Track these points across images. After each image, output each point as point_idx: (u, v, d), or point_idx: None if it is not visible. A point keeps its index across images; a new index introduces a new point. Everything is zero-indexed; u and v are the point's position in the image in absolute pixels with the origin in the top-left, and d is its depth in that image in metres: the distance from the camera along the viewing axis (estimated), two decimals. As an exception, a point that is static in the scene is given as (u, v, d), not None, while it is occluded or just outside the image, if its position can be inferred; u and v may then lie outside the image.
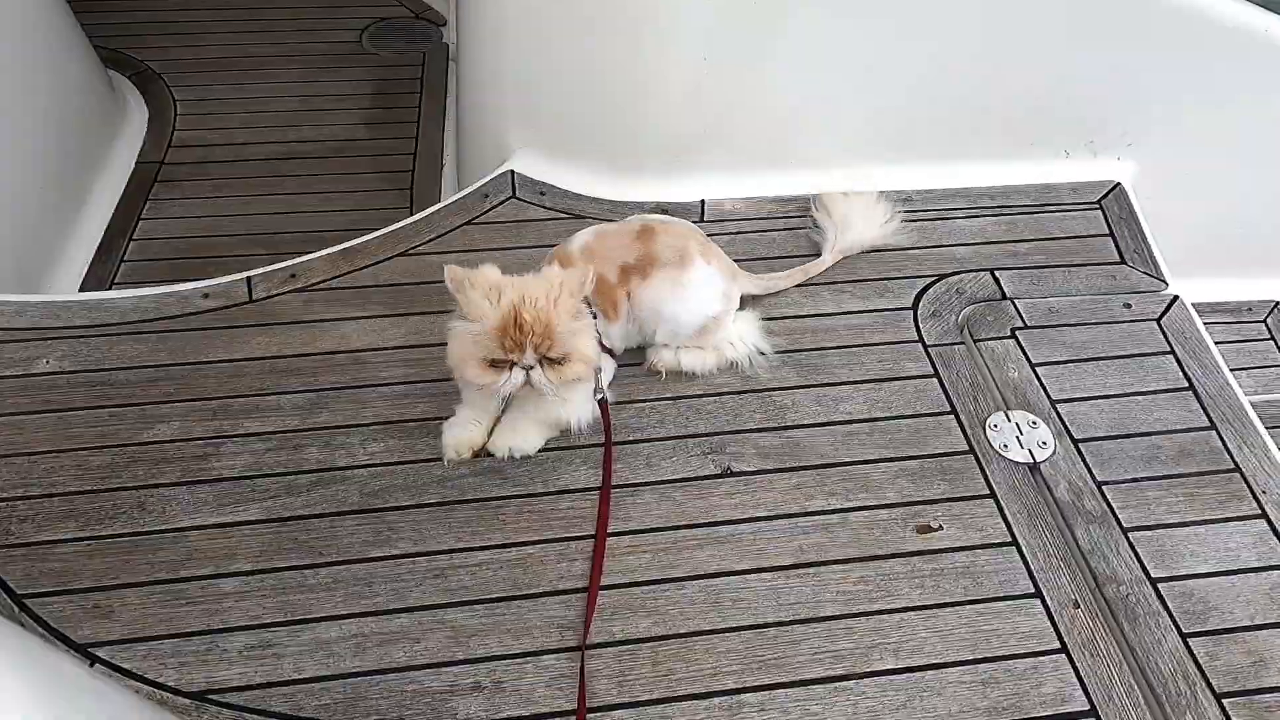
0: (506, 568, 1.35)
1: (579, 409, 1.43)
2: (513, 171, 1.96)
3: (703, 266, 1.53)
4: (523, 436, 1.47)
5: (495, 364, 1.28)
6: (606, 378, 1.48)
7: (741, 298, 1.67)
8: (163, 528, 1.37)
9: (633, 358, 1.61)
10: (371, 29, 3.00)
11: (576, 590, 1.33)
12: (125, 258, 2.19)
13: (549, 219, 1.90)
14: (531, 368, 1.28)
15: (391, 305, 1.70)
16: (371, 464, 1.46)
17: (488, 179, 1.97)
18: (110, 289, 2.10)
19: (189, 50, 2.83)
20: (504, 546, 1.37)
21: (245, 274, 1.74)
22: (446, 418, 1.50)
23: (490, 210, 1.91)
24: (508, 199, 1.93)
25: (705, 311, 1.55)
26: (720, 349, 1.62)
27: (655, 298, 1.51)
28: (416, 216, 1.89)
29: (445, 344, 1.61)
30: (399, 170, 2.51)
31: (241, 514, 1.39)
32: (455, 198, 1.93)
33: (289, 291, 1.71)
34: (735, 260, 1.70)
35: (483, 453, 1.48)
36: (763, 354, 1.64)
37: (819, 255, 1.82)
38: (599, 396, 1.43)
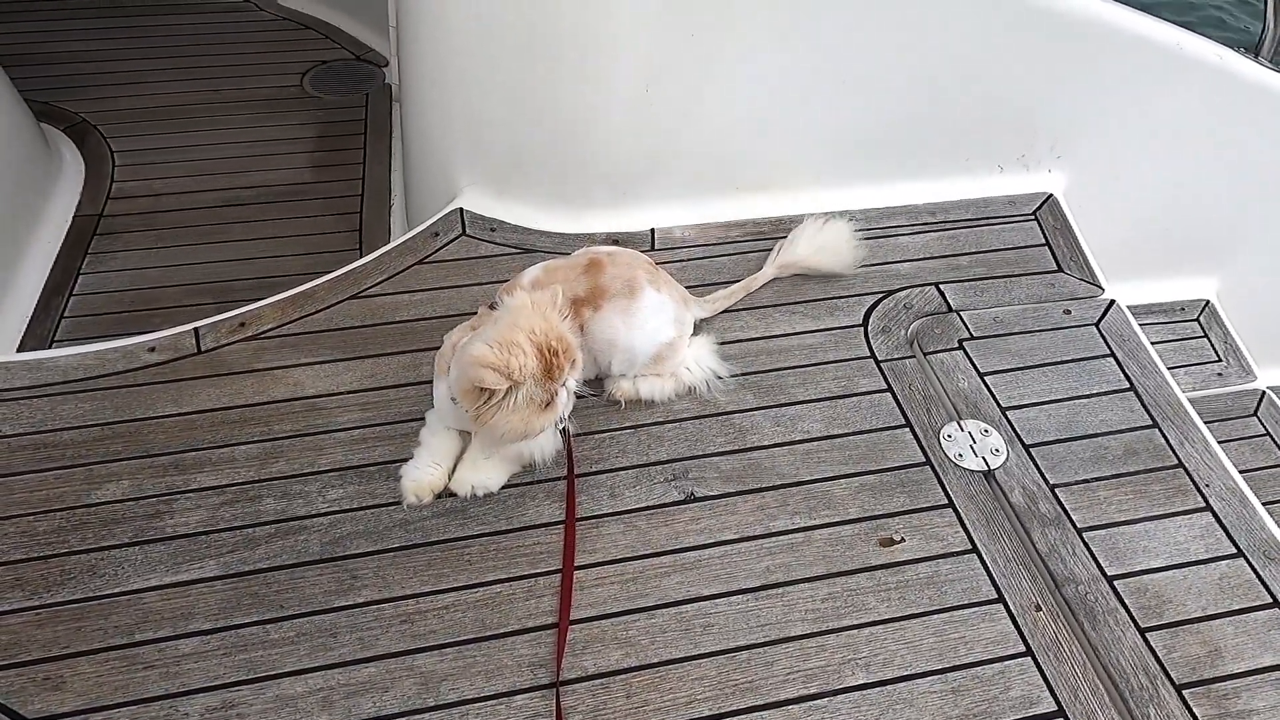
0: (474, 609, 1.34)
1: (542, 441, 1.43)
2: (462, 209, 1.97)
3: (652, 294, 1.55)
4: (485, 474, 1.46)
5: (548, 404, 1.30)
6: (567, 409, 1.49)
7: (695, 323, 1.69)
8: (115, 591, 1.32)
9: (590, 390, 1.62)
10: (313, 72, 2.99)
11: (546, 626, 1.32)
12: (65, 314, 2.13)
13: (500, 254, 1.90)
14: (566, 381, 1.31)
15: (345, 349, 1.69)
16: (331, 511, 1.44)
17: (437, 217, 1.97)
18: (51, 347, 2.04)
19: (125, 101, 2.79)
20: (470, 587, 1.36)
21: (192, 325, 1.70)
22: (406, 459, 1.49)
23: (441, 248, 1.90)
24: (458, 237, 1.93)
25: (658, 339, 1.56)
26: (677, 375, 1.63)
27: (608, 328, 1.52)
28: (366, 259, 1.88)
29: (400, 385, 1.62)
30: (347, 212, 2.50)
31: (198, 571, 1.35)
32: (405, 238, 1.92)
33: (238, 341, 1.68)
34: (688, 287, 1.72)
35: (444, 494, 1.46)
36: (719, 377, 1.66)
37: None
38: (561, 426, 1.44)
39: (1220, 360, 2.29)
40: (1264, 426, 2.18)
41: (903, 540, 1.46)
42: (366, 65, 3.05)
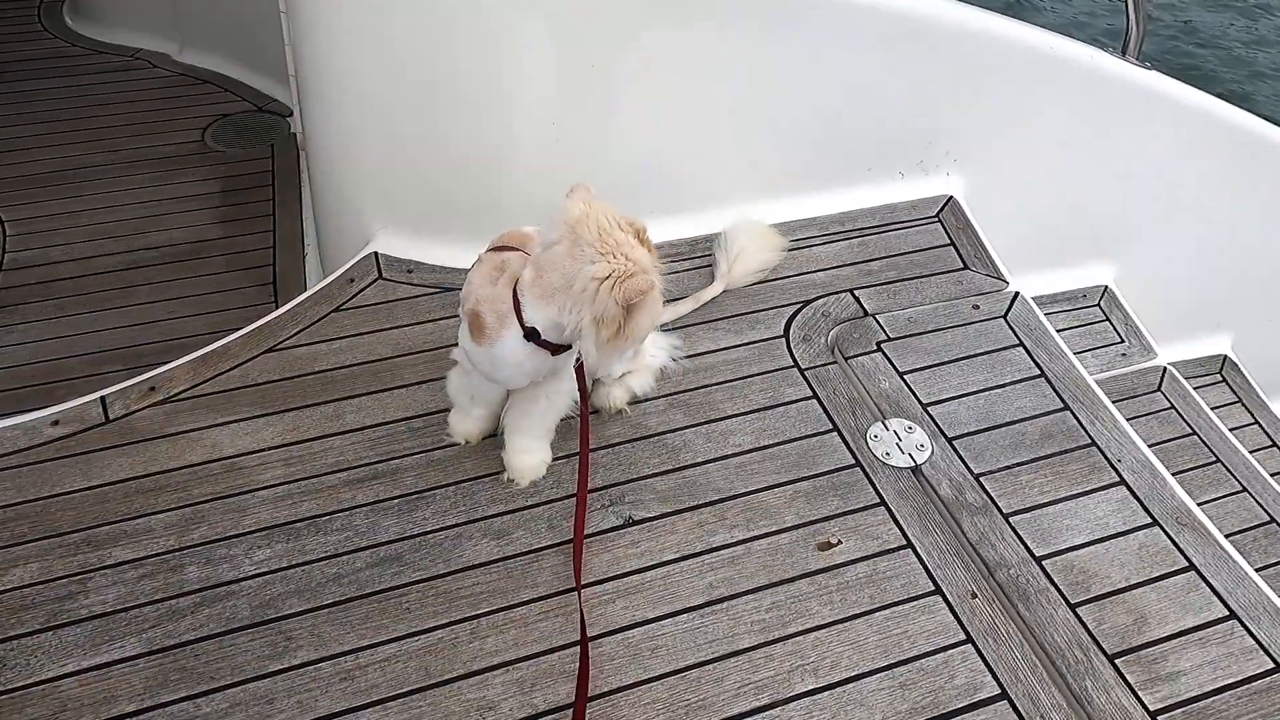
0: (417, 657, 1.30)
1: (568, 386, 1.45)
2: (376, 253, 1.94)
3: None
4: (538, 455, 1.52)
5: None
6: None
7: None
8: (28, 682, 1.24)
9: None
10: (214, 127, 2.92)
11: (493, 668, 1.29)
12: (-41, 395, 2.02)
13: (419, 295, 1.88)
14: None
15: (263, 404, 1.64)
16: (259, 573, 1.39)
17: (352, 263, 1.94)
18: (-55, 431, 1.92)
19: (15, 169, 2.68)
20: (411, 636, 1.32)
21: (99, 393, 1.64)
22: (336, 512, 1.46)
23: (358, 294, 1.87)
24: (374, 281, 1.90)
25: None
26: (647, 364, 1.67)
27: None
28: (280, 310, 1.83)
29: (324, 436, 1.59)
30: (259, 265, 2.44)
31: (118, 651, 1.29)
32: (319, 286, 1.89)
33: (149, 406, 1.62)
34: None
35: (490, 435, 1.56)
36: (678, 349, 1.74)
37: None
38: (577, 362, 1.40)
39: (1123, 341, 2.40)
40: (1168, 400, 2.30)
41: (840, 543, 1.48)
42: (270, 116, 3.00)
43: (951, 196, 2.22)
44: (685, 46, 1.85)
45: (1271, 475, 2.20)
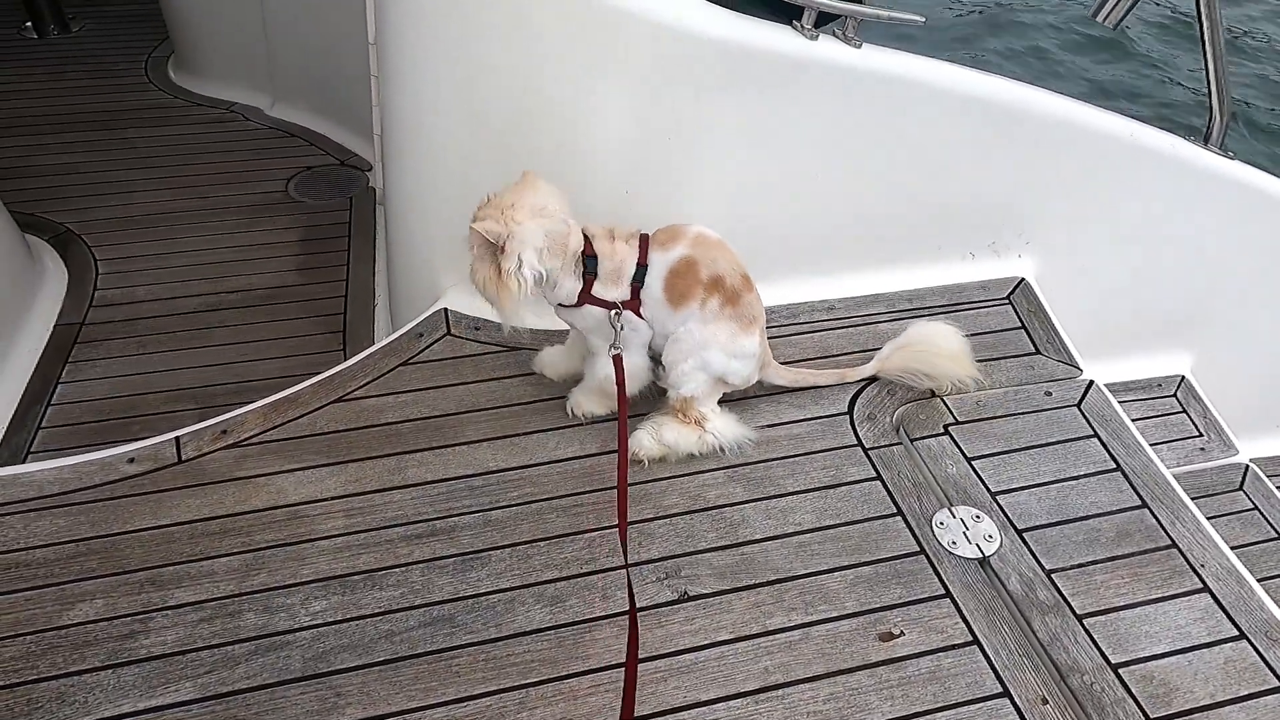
0: (464, 724, 1.28)
1: (604, 368, 1.62)
2: (446, 309, 1.98)
3: (756, 337, 1.65)
4: (588, 404, 1.73)
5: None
6: (638, 339, 1.63)
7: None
8: (84, 720, 1.26)
9: (568, 518, 1.60)
10: (298, 178, 3.05)
11: (539, 741, 1.26)
12: (43, 425, 2.10)
13: (485, 353, 1.91)
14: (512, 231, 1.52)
15: (329, 454, 1.67)
16: (314, 625, 1.39)
17: (421, 318, 1.98)
18: (26, 461, 2.00)
19: (110, 210, 2.83)
20: (459, 701, 1.31)
21: (173, 434, 1.68)
22: (393, 567, 1.47)
23: (425, 349, 1.91)
24: (442, 337, 1.94)
25: (725, 371, 1.64)
26: (704, 435, 1.67)
27: (710, 335, 1.60)
28: (350, 361, 1.88)
29: (385, 489, 1.60)
30: (330, 314, 2.51)
31: (173, 694, 1.29)
32: (389, 339, 1.93)
33: (220, 449, 1.66)
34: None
35: (565, 380, 1.77)
36: (748, 440, 1.72)
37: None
38: (614, 352, 1.59)
39: (1201, 435, 2.31)
40: (1250, 500, 2.19)
41: (902, 634, 1.43)
42: (350, 170, 3.12)
43: (1023, 279, 2.19)
44: (758, 117, 1.87)
45: (1366, 588, 2.07)
